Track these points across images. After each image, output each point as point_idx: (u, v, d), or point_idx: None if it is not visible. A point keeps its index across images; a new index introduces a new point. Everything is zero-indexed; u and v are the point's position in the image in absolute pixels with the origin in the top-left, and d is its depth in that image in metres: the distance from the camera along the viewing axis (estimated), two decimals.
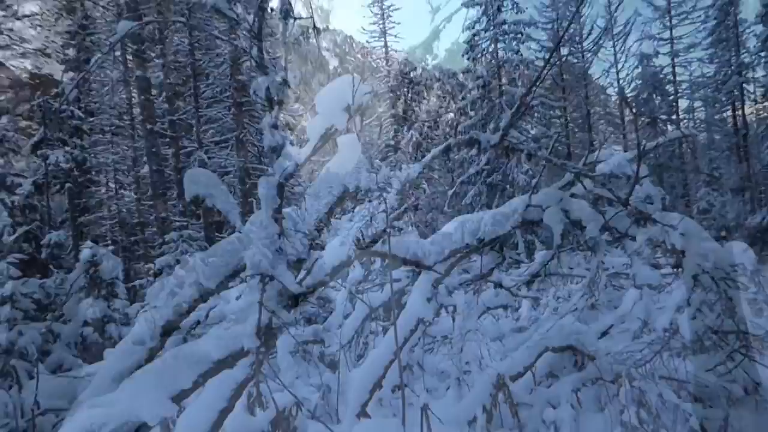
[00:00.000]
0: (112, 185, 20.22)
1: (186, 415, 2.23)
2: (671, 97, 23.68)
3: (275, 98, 1.92)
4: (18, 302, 5.75)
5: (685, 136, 4.72)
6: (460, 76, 24.11)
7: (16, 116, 15.27)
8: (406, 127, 26.29)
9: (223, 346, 2.12)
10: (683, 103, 24.87)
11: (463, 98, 21.70)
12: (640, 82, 23.41)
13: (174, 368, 2.01)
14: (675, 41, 23.73)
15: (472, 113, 20.89)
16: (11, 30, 14.25)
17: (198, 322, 4.61)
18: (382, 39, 29.81)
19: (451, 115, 25.65)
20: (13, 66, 14.93)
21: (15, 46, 14.16)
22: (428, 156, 3.91)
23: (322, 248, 2.57)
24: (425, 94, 28.08)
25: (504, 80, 20.62)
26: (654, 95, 23.06)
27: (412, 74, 28.04)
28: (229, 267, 2.35)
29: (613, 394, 3.69)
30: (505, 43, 20.55)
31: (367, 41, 31.32)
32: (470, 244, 3.79)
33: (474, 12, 20.69)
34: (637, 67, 23.69)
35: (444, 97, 27.83)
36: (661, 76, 23.40)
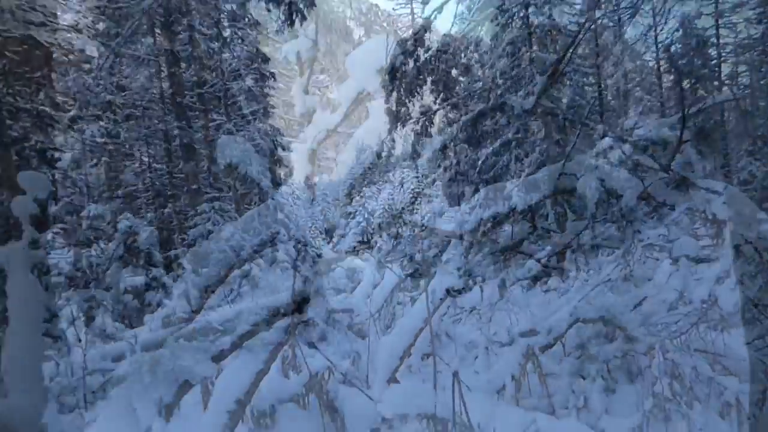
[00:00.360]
0: (145, 159, 20.70)
1: (224, 377, 2.32)
2: (713, 62, 22.34)
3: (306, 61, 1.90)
4: (63, 270, 6.03)
5: (736, 98, 4.46)
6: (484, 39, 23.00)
7: (53, 92, 15.69)
8: (399, 125, 25.23)
9: (260, 310, 2.17)
10: (725, 69, 23.45)
11: (492, 66, 20.98)
12: (680, 46, 22.13)
13: (213, 330, 2.09)
14: (720, 1, 22.24)
15: (500, 82, 20.22)
16: (44, 7, 14.51)
17: (232, 290, 4.76)
18: (409, 6, 29.01)
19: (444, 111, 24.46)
20: (47, 42, 15.23)
21: (48, 23, 14.44)
22: (457, 125, 3.84)
23: (354, 215, 2.58)
24: (418, 89, 26.71)
25: (535, 47, 19.82)
26: (695, 59, 21.80)
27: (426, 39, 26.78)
28: (262, 234, 2.39)
29: (645, 365, 3.65)
30: (536, 7, 19.66)
31: (393, 8, 30.55)
32: (500, 213, 3.74)
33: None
34: (677, 30, 22.33)
35: (438, 93, 26.44)
36: (704, 38, 22.03)
